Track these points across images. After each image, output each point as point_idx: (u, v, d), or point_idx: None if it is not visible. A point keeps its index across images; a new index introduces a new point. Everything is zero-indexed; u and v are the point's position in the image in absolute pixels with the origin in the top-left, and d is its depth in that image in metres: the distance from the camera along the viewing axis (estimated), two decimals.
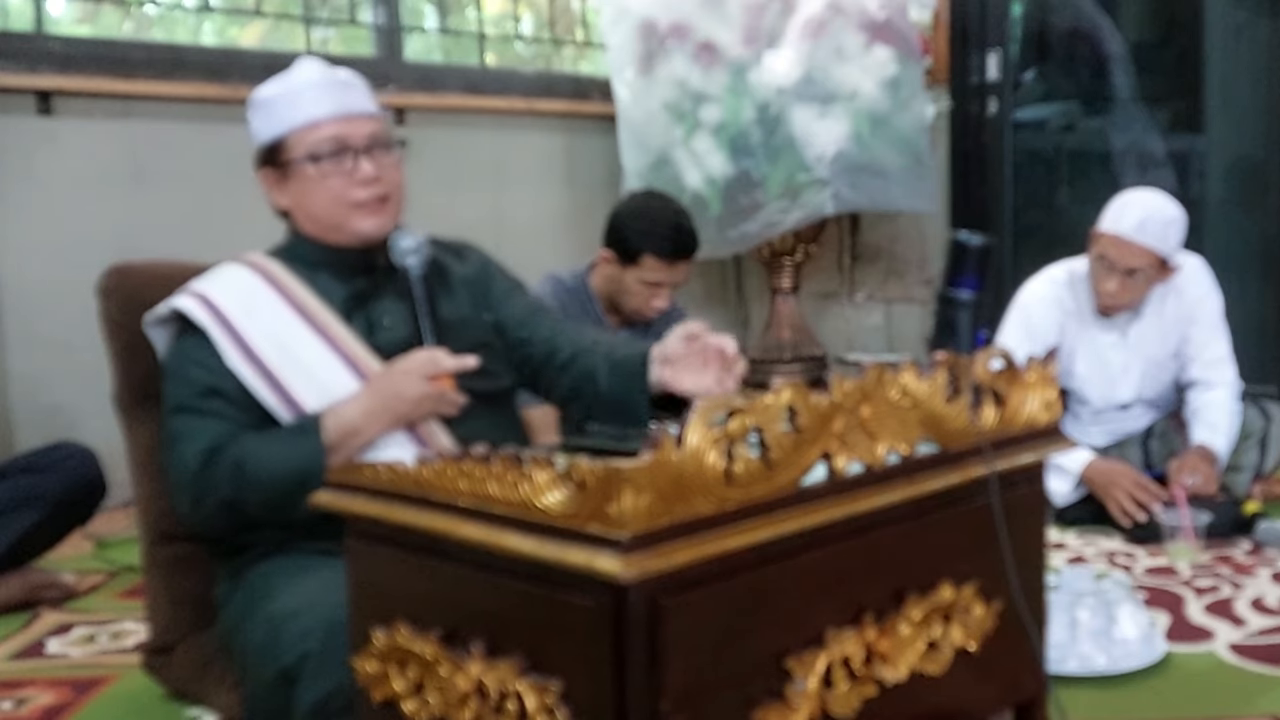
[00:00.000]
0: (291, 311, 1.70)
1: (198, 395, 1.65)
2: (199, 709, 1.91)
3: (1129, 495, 2.94)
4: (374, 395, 1.64)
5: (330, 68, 1.79)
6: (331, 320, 1.72)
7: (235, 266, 1.76)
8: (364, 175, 1.73)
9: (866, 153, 3.98)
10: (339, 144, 1.73)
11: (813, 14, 3.96)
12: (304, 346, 1.68)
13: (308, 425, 1.62)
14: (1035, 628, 1.41)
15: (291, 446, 1.60)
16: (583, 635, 1.03)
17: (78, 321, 2.21)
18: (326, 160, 1.72)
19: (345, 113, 1.75)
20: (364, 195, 1.74)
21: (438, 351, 1.67)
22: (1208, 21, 4.99)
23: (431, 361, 1.65)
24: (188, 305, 1.68)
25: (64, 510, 2.68)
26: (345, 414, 1.62)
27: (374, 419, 1.63)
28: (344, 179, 1.73)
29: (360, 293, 1.77)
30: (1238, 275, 4.33)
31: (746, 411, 1.07)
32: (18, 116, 3.19)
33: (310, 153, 1.72)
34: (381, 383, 1.65)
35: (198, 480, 1.61)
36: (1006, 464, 1.34)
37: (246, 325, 1.67)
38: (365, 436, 1.63)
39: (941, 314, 4.47)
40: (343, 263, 1.77)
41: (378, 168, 1.75)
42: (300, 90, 1.75)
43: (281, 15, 3.96)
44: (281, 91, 1.76)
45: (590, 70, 4.69)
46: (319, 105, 1.73)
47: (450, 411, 1.68)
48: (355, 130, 1.74)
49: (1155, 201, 2.98)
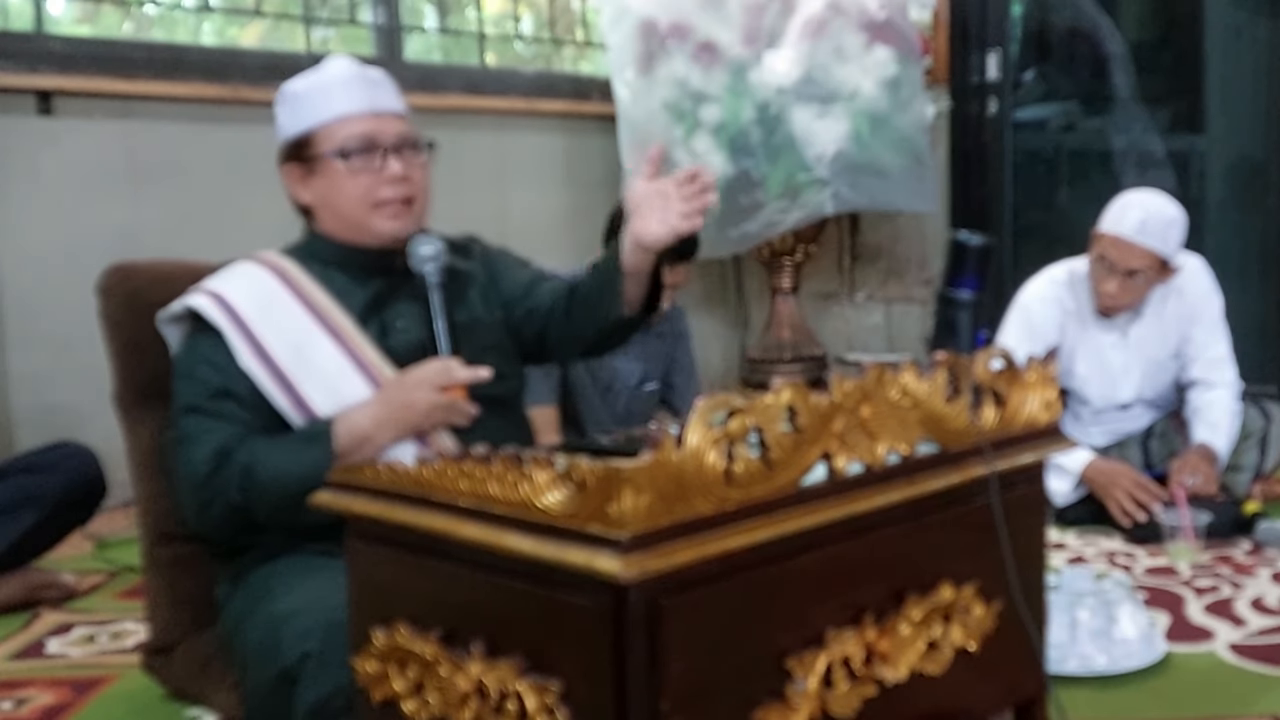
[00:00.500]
0: (306, 313, 1.69)
1: (209, 396, 1.64)
2: (199, 709, 1.91)
3: (1129, 495, 2.94)
4: (385, 404, 1.63)
5: (362, 65, 1.78)
6: (346, 323, 1.70)
7: (250, 265, 1.74)
8: (392, 174, 1.72)
9: (866, 153, 3.98)
10: (369, 141, 1.72)
11: (813, 14, 3.96)
12: (318, 349, 1.67)
13: (319, 432, 1.61)
14: (1035, 628, 1.41)
15: (302, 453, 1.59)
16: (583, 635, 1.03)
17: (78, 321, 2.21)
18: (356, 156, 1.71)
19: (376, 110, 1.73)
20: (390, 194, 1.73)
21: (451, 361, 1.66)
22: (1208, 21, 4.99)
23: (445, 371, 1.64)
24: (202, 304, 1.67)
25: (64, 510, 2.68)
26: (356, 421, 1.61)
27: (385, 427, 1.62)
28: (372, 176, 1.72)
29: (376, 295, 1.75)
30: (1238, 275, 4.34)
31: (746, 411, 1.07)
32: (18, 116, 3.19)
33: (340, 148, 1.71)
34: (393, 391, 1.64)
35: (206, 484, 1.60)
36: (1006, 464, 1.34)
37: (261, 326, 1.65)
38: (376, 444, 1.62)
39: (941, 314, 4.47)
40: (360, 263, 1.76)
41: (406, 168, 1.73)
42: (331, 85, 1.73)
43: (281, 15, 3.96)
44: (312, 86, 1.74)
45: (590, 70, 4.68)
46: (350, 101, 1.72)
47: (461, 422, 1.67)
48: (386, 128, 1.73)
49: (1156, 202, 2.98)
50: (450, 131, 4.09)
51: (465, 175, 4.09)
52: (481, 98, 4.22)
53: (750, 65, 3.99)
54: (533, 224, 4.29)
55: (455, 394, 1.64)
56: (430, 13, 4.49)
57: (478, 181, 4.15)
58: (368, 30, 4.07)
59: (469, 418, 1.66)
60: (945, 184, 4.64)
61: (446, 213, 3.88)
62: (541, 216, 4.34)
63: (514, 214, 4.24)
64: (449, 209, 3.81)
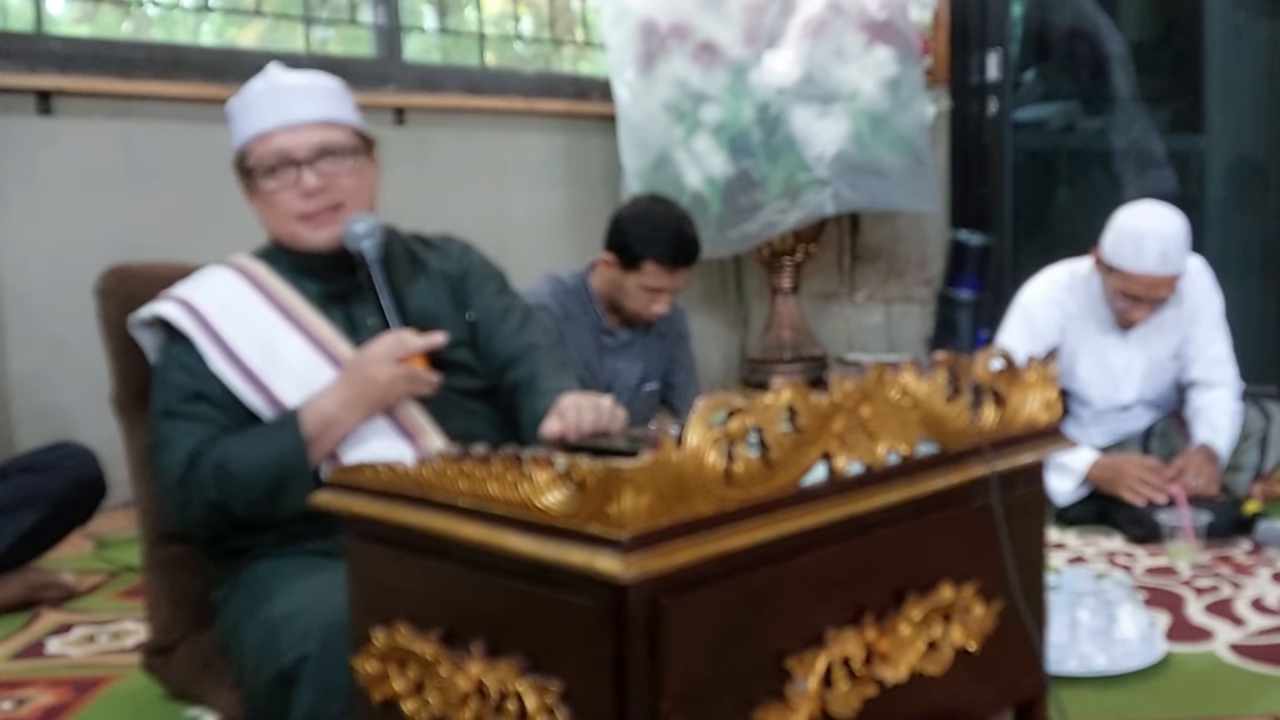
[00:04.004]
0: (274, 311, 1.71)
1: (182, 400, 1.66)
2: (199, 709, 1.91)
3: (1139, 480, 2.95)
4: (347, 384, 1.64)
5: (284, 73, 1.77)
6: (314, 318, 1.72)
7: (218, 269, 1.77)
8: (305, 188, 1.71)
9: (866, 153, 3.98)
10: (282, 157, 1.71)
11: (813, 14, 3.96)
12: (287, 346, 1.69)
13: (286, 420, 1.63)
14: (1035, 628, 1.41)
15: (272, 442, 1.61)
16: (583, 635, 1.03)
17: (78, 321, 2.21)
18: (273, 174, 1.72)
19: (288, 123, 1.72)
20: (307, 207, 1.72)
21: (404, 333, 1.67)
22: (1208, 21, 4.99)
23: (399, 343, 1.65)
24: (169, 311, 1.69)
25: (64, 510, 2.68)
26: (322, 405, 1.63)
27: (350, 407, 1.63)
28: (291, 191, 1.72)
29: (341, 292, 1.76)
30: (1238, 275, 4.34)
31: (746, 411, 1.07)
32: (18, 116, 3.19)
33: (260, 165, 1.72)
34: (353, 371, 1.65)
35: (182, 485, 1.63)
36: (1006, 464, 1.34)
37: (229, 328, 1.67)
38: (344, 426, 1.64)
39: (941, 314, 4.48)
40: (317, 267, 1.77)
41: (323, 177, 1.72)
42: (252, 100, 1.74)
43: (281, 15, 3.96)
44: (241, 102, 1.76)
45: (590, 70, 4.68)
46: (264, 117, 1.73)
47: (425, 391, 1.68)
48: (298, 141, 1.71)
49: (1163, 226, 2.91)
50: (450, 131, 4.12)
51: (465, 175, 4.09)
52: (481, 98, 4.22)
53: (750, 65, 3.99)
54: (532, 224, 4.29)
55: (414, 364, 1.66)
56: (430, 13, 4.49)
57: (477, 181, 4.16)
58: (367, 30, 4.07)
59: (432, 386, 1.67)
60: (945, 184, 4.64)
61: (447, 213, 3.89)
62: (541, 216, 4.34)
63: (514, 214, 4.24)
64: (449, 209, 3.84)
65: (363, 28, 4.08)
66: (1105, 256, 2.98)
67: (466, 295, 1.85)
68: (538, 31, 4.71)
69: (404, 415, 1.69)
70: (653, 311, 2.94)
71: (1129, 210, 3.00)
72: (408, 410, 1.69)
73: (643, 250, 2.84)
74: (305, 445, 1.60)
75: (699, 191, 4.02)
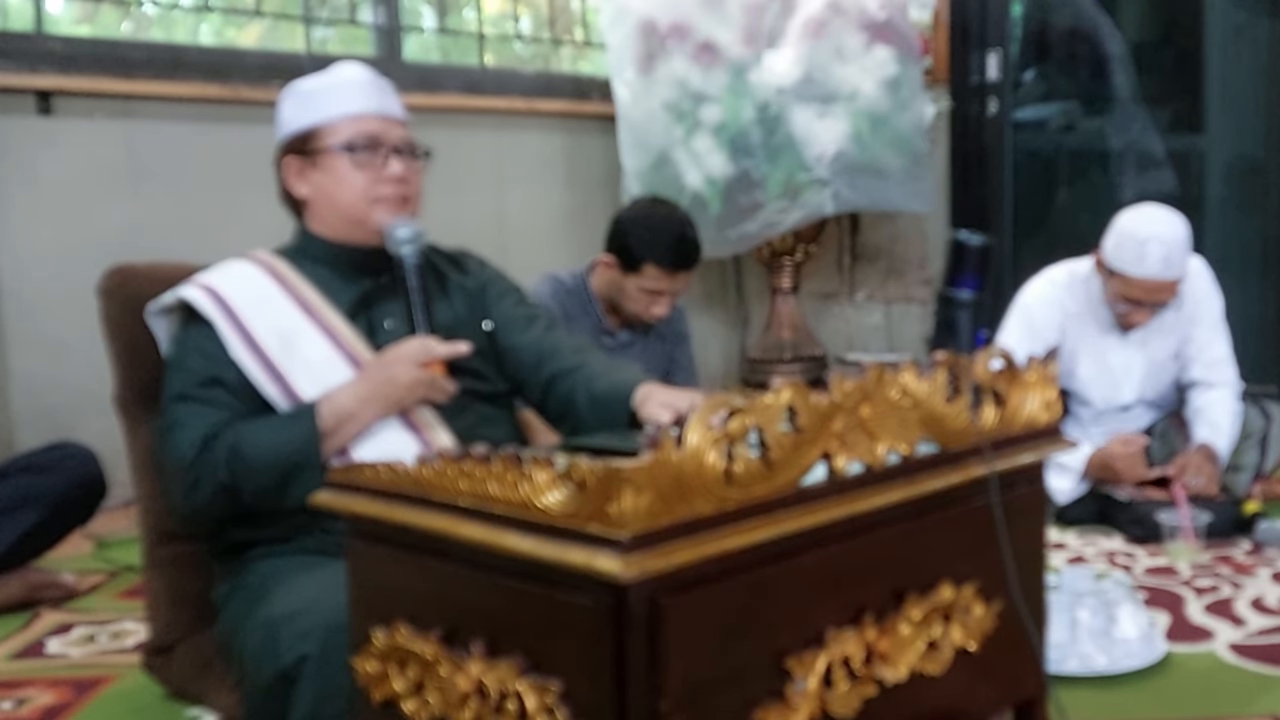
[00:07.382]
0: (296, 308, 1.73)
1: (199, 384, 1.67)
2: (199, 709, 1.91)
3: (1128, 465, 2.99)
4: (368, 381, 1.66)
5: (373, 72, 1.85)
6: (335, 318, 1.74)
7: (242, 262, 1.78)
8: (393, 173, 1.77)
9: (866, 153, 3.99)
10: (374, 139, 1.77)
11: (813, 14, 3.96)
12: (308, 342, 1.70)
13: (303, 411, 1.64)
14: (1035, 628, 1.41)
15: (287, 431, 1.62)
16: (583, 635, 1.03)
17: (78, 321, 2.21)
18: (361, 152, 1.76)
19: (383, 113, 1.80)
20: (389, 191, 1.77)
21: (430, 339, 1.70)
22: (1208, 21, 4.99)
23: (424, 348, 1.68)
24: (194, 295, 1.70)
25: (64, 510, 2.68)
26: (339, 400, 1.65)
27: (368, 405, 1.65)
28: (373, 173, 1.77)
29: (365, 294, 1.79)
30: (1238, 275, 4.34)
31: (746, 411, 1.07)
32: (18, 116, 3.19)
33: (347, 142, 1.76)
34: (375, 369, 1.68)
35: (194, 466, 1.63)
36: (1006, 464, 1.34)
37: (251, 318, 1.69)
38: (360, 422, 1.65)
39: (941, 314, 4.48)
40: (349, 262, 1.79)
41: (406, 169, 1.79)
42: (343, 85, 1.80)
43: (280, 15, 3.96)
44: (324, 84, 1.80)
45: (590, 70, 4.68)
46: (361, 101, 1.79)
47: (441, 398, 1.70)
48: (391, 131, 1.80)
49: (1166, 230, 2.91)
50: (449, 131, 4.11)
51: (465, 175, 4.09)
52: (481, 98, 4.22)
53: (750, 65, 3.99)
54: (532, 224, 4.29)
55: (435, 370, 1.69)
56: (429, 13, 4.49)
57: (477, 181, 4.15)
58: (367, 30, 4.07)
59: (449, 394, 1.70)
60: (945, 184, 4.64)
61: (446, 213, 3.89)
62: (541, 217, 4.34)
63: (513, 214, 4.24)
64: (449, 209, 3.83)
65: (362, 28, 4.08)
66: (1106, 260, 2.98)
67: (486, 307, 1.89)
68: (537, 31, 4.71)
69: (414, 412, 1.71)
70: (652, 314, 2.94)
71: (1131, 213, 2.99)
72: (419, 408, 1.71)
73: (643, 253, 2.84)
74: (320, 437, 1.61)
75: (699, 191, 4.02)
